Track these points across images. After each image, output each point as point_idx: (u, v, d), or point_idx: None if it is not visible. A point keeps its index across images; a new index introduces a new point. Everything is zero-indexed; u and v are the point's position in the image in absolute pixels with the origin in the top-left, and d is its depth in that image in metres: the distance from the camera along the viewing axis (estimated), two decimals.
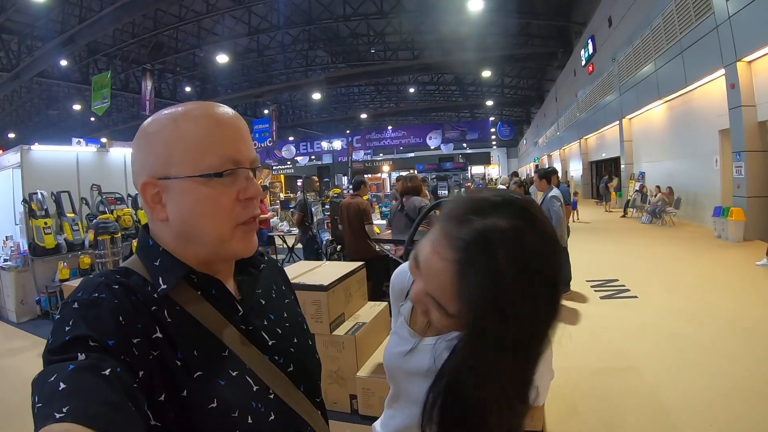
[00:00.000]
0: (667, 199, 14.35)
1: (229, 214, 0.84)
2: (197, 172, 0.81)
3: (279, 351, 0.93)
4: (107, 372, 0.63)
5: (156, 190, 0.83)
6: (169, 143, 0.82)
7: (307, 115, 41.70)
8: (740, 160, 10.55)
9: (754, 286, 6.82)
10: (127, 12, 16.31)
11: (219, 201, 0.83)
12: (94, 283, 0.78)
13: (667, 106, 15.47)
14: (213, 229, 0.83)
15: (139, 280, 0.83)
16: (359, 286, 3.87)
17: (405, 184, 6.14)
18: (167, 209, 0.84)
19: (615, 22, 17.70)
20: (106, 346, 0.68)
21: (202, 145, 0.82)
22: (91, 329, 0.68)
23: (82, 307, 0.72)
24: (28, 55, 19.10)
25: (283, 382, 0.91)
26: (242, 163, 0.85)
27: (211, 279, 0.88)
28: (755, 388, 3.81)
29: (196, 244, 0.85)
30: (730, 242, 10.44)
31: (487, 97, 35.75)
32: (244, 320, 0.90)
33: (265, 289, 1.02)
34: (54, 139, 26.43)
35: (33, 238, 7.01)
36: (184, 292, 0.84)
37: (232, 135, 0.86)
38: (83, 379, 0.61)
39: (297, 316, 1.07)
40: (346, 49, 26.93)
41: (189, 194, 0.82)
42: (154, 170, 0.83)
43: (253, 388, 0.84)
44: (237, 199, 0.84)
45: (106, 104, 18.60)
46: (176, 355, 0.78)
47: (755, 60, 10.05)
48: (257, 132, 25.88)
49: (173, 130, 0.83)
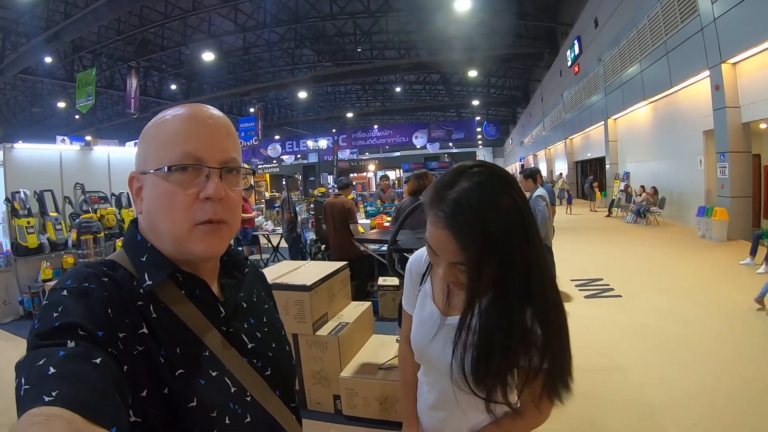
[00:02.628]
0: (652, 198, 14.49)
1: (186, 213, 0.82)
2: (159, 166, 0.83)
3: (258, 354, 0.94)
4: (98, 360, 0.63)
5: (138, 185, 0.87)
6: (150, 139, 0.87)
7: (293, 114, 41.59)
8: (724, 160, 10.66)
9: (737, 285, 6.87)
10: (112, 9, 16.16)
11: (175, 197, 0.82)
12: (84, 273, 0.78)
13: (652, 107, 15.61)
14: (170, 225, 0.83)
15: (125, 274, 0.83)
16: (342, 286, 3.85)
17: (419, 182, 6.04)
18: (144, 203, 0.86)
19: (601, 23, 17.81)
20: (95, 337, 0.67)
21: (170, 140, 0.84)
22: (81, 318, 0.68)
23: (72, 295, 0.72)
24: (12, 51, 18.87)
25: (260, 386, 0.91)
26: (206, 162, 0.84)
27: (196, 279, 0.88)
28: (739, 386, 3.85)
29: (161, 239, 0.86)
30: (714, 242, 10.55)
31: (473, 96, 35.86)
32: (225, 322, 0.90)
33: (247, 293, 1.03)
34: (38, 136, 26.10)
35: (15, 238, 6.90)
36: (169, 290, 0.84)
37: (203, 132, 0.85)
38: (74, 365, 0.61)
39: (276, 322, 1.08)
40: (332, 48, 26.90)
41: (153, 188, 0.84)
42: (138, 165, 0.87)
43: (231, 390, 0.85)
44: (197, 198, 0.83)
45: (90, 102, 18.39)
46: (160, 351, 0.77)
47: (740, 62, 10.16)
48: (243, 131, 25.83)
49: (156, 128, 0.87)
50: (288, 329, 2.98)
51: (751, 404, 3.57)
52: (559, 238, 7.90)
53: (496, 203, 1.04)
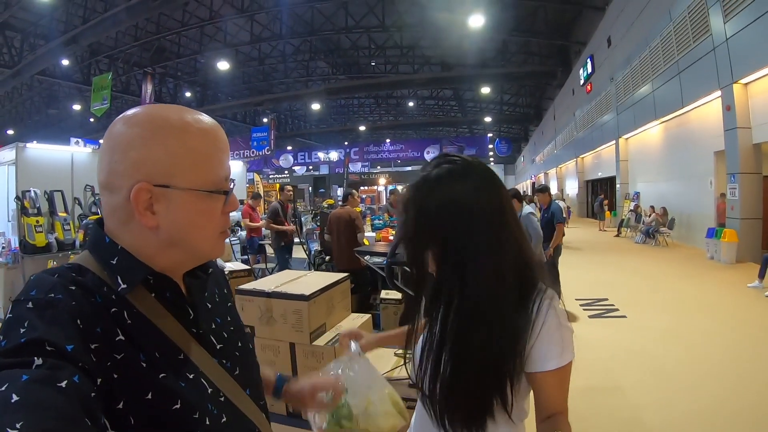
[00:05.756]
0: (661, 219, 14.39)
1: (217, 226, 0.89)
2: (204, 186, 0.84)
3: (226, 355, 0.95)
4: (63, 384, 0.61)
5: (149, 196, 0.80)
6: (173, 153, 0.81)
7: (306, 125, 41.86)
8: (734, 182, 10.59)
9: (745, 308, 6.80)
10: (130, 15, 16.37)
11: (214, 214, 0.88)
12: (49, 282, 0.74)
13: (663, 127, 15.55)
14: (205, 239, 0.88)
15: (94, 279, 0.79)
16: (342, 297, 3.84)
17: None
18: (159, 217, 0.81)
19: (614, 41, 17.79)
20: (64, 352, 0.65)
21: (207, 160, 0.85)
22: (47, 333, 0.65)
23: (37, 307, 0.69)
24: (30, 52, 19.18)
25: (232, 386, 0.92)
26: (229, 179, 0.91)
27: (168, 281, 0.87)
28: (740, 411, 3.79)
29: (180, 250, 0.86)
30: (723, 264, 10.45)
31: (485, 113, 35.88)
32: (194, 323, 0.90)
33: (210, 293, 1.02)
34: (53, 138, 26.33)
35: (24, 236, 6.96)
36: (139, 293, 0.82)
37: (226, 153, 0.91)
38: (38, 390, 0.58)
39: (238, 321, 1.08)
40: (346, 61, 27.10)
41: (189, 206, 0.83)
42: (152, 176, 0.80)
43: (207, 391, 0.85)
44: (223, 211, 0.90)
45: (105, 106, 18.59)
46: (140, 356, 0.76)
47: (751, 82, 10.11)
48: (255, 140, 25.92)
49: (180, 141, 0.82)
50: (285, 338, 2.99)
51: (753, 429, 3.52)
52: (566, 257, 7.86)
53: (441, 192, 1.10)
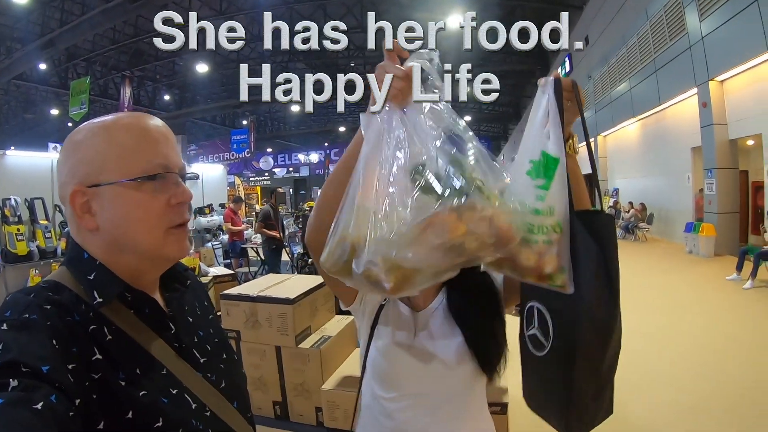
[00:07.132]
0: (640, 214, 14.59)
1: (161, 219, 0.85)
2: (129, 176, 0.82)
3: (211, 368, 0.93)
4: (39, 406, 0.59)
5: (85, 199, 0.82)
6: (101, 150, 0.82)
7: (286, 127, 41.54)
8: (711, 177, 10.77)
9: (724, 301, 6.93)
10: (107, 17, 16.09)
11: (150, 205, 0.83)
12: (24, 303, 0.73)
13: (640, 124, 15.76)
14: (146, 233, 0.83)
15: (71, 297, 0.79)
16: (326, 300, 3.86)
17: None
18: (97, 218, 0.82)
19: (592, 40, 17.93)
20: (39, 373, 0.63)
21: (133, 151, 0.83)
22: (22, 354, 0.64)
23: (12, 328, 0.68)
24: (7, 56, 18.79)
25: (218, 399, 0.90)
26: (171, 169, 0.87)
27: (145, 297, 0.87)
28: (722, 403, 3.85)
29: (129, 252, 0.84)
30: (701, 257, 10.62)
31: (464, 112, 35.89)
32: (176, 338, 0.89)
33: (191, 306, 1.02)
34: (30, 143, 25.88)
35: (5, 245, 6.89)
36: (117, 310, 0.82)
37: (161, 142, 0.87)
38: (14, 413, 0.57)
39: (221, 332, 1.07)
40: (325, 62, 26.99)
41: (120, 199, 0.82)
42: (84, 178, 0.82)
43: (192, 406, 0.84)
44: (168, 204, 0.85)
45: (84, 110, 18.27)
46: (118, 375, 0.75)
47: (727, 79, 10.30)
48: (235, 143, 25.71)
49: (105, 138, 0.83)
50: (271, 342, 3.00)
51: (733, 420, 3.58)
52: None
53: None
